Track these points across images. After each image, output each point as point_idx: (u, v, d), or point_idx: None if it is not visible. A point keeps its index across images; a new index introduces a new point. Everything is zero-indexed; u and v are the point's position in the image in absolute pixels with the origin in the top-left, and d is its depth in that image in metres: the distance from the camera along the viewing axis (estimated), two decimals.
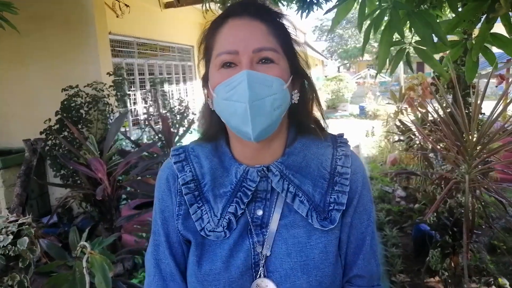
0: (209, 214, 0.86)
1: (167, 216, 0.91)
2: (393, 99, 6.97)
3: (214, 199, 0.87)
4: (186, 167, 0.90)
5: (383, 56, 1.35)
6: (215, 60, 0.81)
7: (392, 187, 5.53)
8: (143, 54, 5.56)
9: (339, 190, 0.87)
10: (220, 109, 0.81)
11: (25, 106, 4.42)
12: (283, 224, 0.85)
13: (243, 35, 0.79)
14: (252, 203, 0.87)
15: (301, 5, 3.26)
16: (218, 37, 0.82)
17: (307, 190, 0.86)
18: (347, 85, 18.45)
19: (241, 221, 0.86)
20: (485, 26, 1.34)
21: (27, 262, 2.00)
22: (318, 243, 0.85)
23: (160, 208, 0.93)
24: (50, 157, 3.72)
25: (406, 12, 1.37)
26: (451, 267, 2.95)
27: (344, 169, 0.89)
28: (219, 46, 0.80)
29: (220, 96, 0.79)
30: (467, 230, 2.45)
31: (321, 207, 0.85)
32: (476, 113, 2.61)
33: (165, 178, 0.93)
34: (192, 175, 0.89)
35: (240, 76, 0.76)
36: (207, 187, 0.88)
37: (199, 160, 0.91)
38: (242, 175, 0.86)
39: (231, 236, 0.85)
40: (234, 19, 0.81)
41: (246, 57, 0.77)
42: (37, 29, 4.10)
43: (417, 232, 3.62)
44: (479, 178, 2.59)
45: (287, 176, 0.86)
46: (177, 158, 0.92)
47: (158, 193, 0.94)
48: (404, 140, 5.14)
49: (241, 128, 0.78)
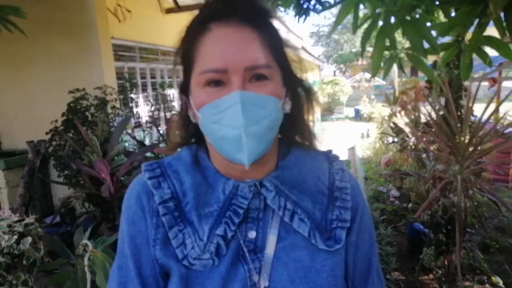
0: (193, 238, 0.71)
1: (139, 244, 0.74)
2: (387, 102, 7.08)
3: (199, 220, 0.72)
4: (163, 183, 0.76)
5: (376, 61, 1.41)
6: (199, 77, 0.68)
7: (387, 187, 5.62)
8: (145, 58, 5.61)
9: (340, 206, 0.78)
10: (207, 131, 0.71)
11: (28, 108, 4.46)
12: (282, 247, 0.73)
13: (233, 49, 0.66)
14: (243, 224, 0.74)
15: (298, 10, 3.34)
16: (200, 49, 0.68)
17: (306, 207, 0.75)
18: (342, 88, 18.58)
19: (232, 245, 0.72)
20: (477, 30, 1.38)
21: (31, 260, 2.05)
22: (324, 266, 0.73)
23: (130, 234, 0.75)
24: (54, 157, 3.77)
25: (399, 20, 1.44)
26: (444, 265, 3.01)
27: (343, 184, 0.80)
28: (203, 61, 0.67)
29: (207, 118, 0.68)
30: (460, 229, 2.51)
31: (323, 226, 0.75)
32: (467, 115, 2.69)
33: (136, 196, 0.76)
34: (171, 192, 0.74)
35: (231, 99, 0.65)
36: (190, 206, 0.73)
37: (179, 176, 0.77)
38: (231, 192, 0.74)
39: (221, 264, 0.70)
40: (219, 26, 0.67)
41: (237, 76, 0.65)
42: (40, 33, 4.14)
43: (412, 230, 3.67)
44: (471, 178, 2.66)
45: (283, 192, 0.75)
46: (152, 174, 0.77)
47: (127, 215, 0.76)
48: (398, 141, 5.23)
49: (233, 155, 0.67)
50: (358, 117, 15.66)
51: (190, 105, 0.74)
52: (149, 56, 5.70)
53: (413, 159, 4.15)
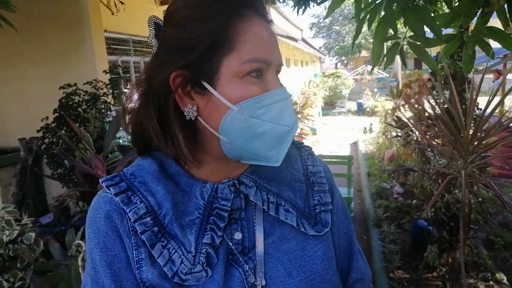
0: (180, 252, 0.65)
1: (117, 269, 0.66)
2: (391, 96, 6.99)
3: (182, 231, 0.66)
4: (134, 197, 0.68)
5: (377, 50, 1.35)
6: (242, 66, 0.62)
7: (390, 184, 5.55)
8: (139, 52, 5.54)
9: (319, 190, 0.79)
10: (240, 127, 0.63)
11: (21, 104, 4.42)
12: (270, 242, 0.71)
13: (274, 43, 0.66)
14: (227, 227, 0.70)
15: (297, 1, 3.26)
16: (243, 35, 0.63)
17: (288, 197, 0.74)
18: (344, 81, 18.45)
19: (221, 251, 0.68)
20: (480, 20, 1.35)
21: (25, 263, 2.01)
22: (316, 252, 0.73)
23: (105, 261, 0.66)
24: (47, 155, 3.71)
25: (401, 7, 1.37)
26: (448, 263, 2.97)
27: (316, 168, 0.82)
28: (251, 48, 0.62)
29: (248, 113, 0.63)
30: (463, 225, 2.46)
31: (307, 212, 0.75)
32: (471, 108, 2.62)
33: (106, 216, 0.67)
34: (145, 206, 0.67)
35: (280, 94, 0.65)
36: (169, 217, 0.67)
37: (148, 187, 0.69)
38: (211, 195, 0.69)
39: (214, 273, 0.66)
40: (256, 16, 0.65)
41: (273, 70, 0.66)
42: (32, 28, 4.08)
43: (415, 228, 3.63)
44: (475, 173, 2.59)
45: (263, 186, 0.73)
46: (118, 189, 0.68)
47: (97, 240, 0.67)
48: (401, 135, 5.15)
49: (264, 153, 0.65)
50: (361, 111, 15.53)
51: (192, 100, 0.66)
52: (143, 49, 5.62)
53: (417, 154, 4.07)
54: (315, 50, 19.70)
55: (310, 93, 10.88)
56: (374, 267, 3.41)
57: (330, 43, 39.87)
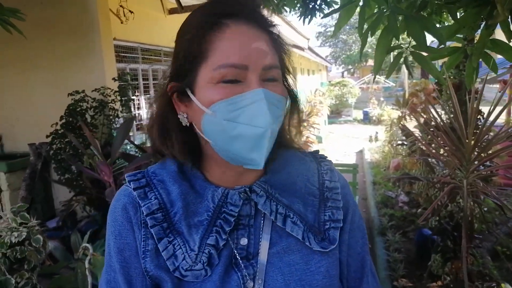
0: (184, 249, 0.70)
1: (127, 257, 0.72)
2: (397, 105, 7.00)
3: (188, 230, 0.71)
4: (150, 193, 0.74)
5: (378, 59, 1.37)
6: (213, 73, 0.65)
7: (395, 192, 5.54)
8: (147, 59, 5.59)
9: (332, 206, 0.78)
10: (216, 130, 0.67)
11: (30, 110, 4.46)
12: (275, 252, 0.73)
13: (253, 47, 0.66)
14: (234, 231, 0.73)
15: (303, 10, 3.29)
16: (215, 43, 0.66)
17: (298, 210, 0.75)
18: (351, 90, 18.45)
19: (224, 253, 0.71)
20: (484, 32, 1.35)
21: (32, 265, 2.04)
22: (319, 268, 0.73)
23: (118, 248, 0.73)
24: (55, 160, 3.76)
25: (404, 17, 1.39)
26: (452, 272, 2.96)
27: (333, 184, 0.81)
28: (220, 56, 0.65)
29: (221, 115, 0.65)
30: (466, 234, 2.46)
31: (316, 227, 0.75)
32: (472, 118, 2.63)
33: (123, 207, 0.74)
34: (158, 203, 0.73)
35: (254, 95, 0.64)
36: (178, 216, 0.72)
37: (165, 186, 0.75)
38: (221, 199, 0.73)
39: (213, 273, 0.69)
40: (238, 23, 0.67)
41: (255, 74, 0.65)
42: (42, 35, 4.14)
43: (420, 236, 3.62)
44: (478, 183, 2.60)
45: (274, 196, 0.74)
46: (137, 184, 0.75)
47: (114, 228, 0.74)
48: (407, 144, 5.15)
49: (245, 155, 0.66)
50: (367, 120, 15.52)
51: (185, 106, 0.71)
52: (151, 57, 5.68)
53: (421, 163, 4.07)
54: (322, 59, 19.72)
55: (316, 102, 10.89)
56: (379, 276, 3.39)
57: (336, 52, 39.96)
